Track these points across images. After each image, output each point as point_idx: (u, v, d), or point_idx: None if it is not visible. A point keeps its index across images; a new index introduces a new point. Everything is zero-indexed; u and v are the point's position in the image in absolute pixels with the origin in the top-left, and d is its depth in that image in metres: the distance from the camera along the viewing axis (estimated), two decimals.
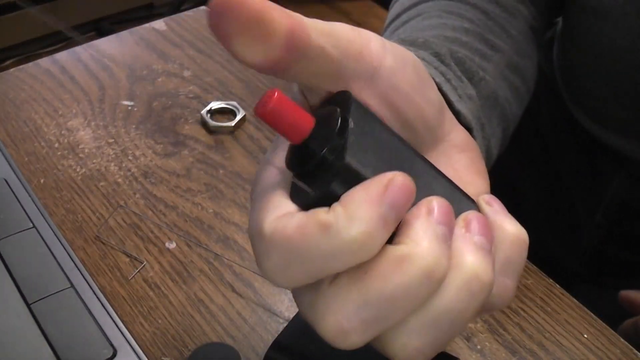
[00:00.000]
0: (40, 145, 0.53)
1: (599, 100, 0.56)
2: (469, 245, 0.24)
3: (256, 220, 0.24)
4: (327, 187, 0.23)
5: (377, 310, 0.22)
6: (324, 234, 0.22)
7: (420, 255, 0.22)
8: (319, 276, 0.23)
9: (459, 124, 0.32)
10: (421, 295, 0.22)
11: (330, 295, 0.23)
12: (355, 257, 0.22)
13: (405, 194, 0.22)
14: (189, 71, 0.62)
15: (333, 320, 0.23)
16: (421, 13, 0.45)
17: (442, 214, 0.23)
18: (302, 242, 0.22)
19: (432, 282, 0.22)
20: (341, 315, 0.23)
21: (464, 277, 0.23)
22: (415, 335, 0.23)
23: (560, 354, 0.41)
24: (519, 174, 0.68)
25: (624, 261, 0.62)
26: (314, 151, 0.23)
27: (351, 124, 0.24)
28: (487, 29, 0.44)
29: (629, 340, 0.42)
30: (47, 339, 0.37)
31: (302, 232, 0.22)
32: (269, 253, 0.23)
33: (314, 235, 0.22)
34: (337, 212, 0.22)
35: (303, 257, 0.22)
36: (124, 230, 0.47)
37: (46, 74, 0.60)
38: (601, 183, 0.60)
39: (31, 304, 0.39)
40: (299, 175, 0.24)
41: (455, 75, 0.37)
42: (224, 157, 0.54)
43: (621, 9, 0.48)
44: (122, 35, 0.66)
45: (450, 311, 0.23)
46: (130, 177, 0.51)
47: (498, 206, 0.28)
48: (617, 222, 0.60)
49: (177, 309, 0.42)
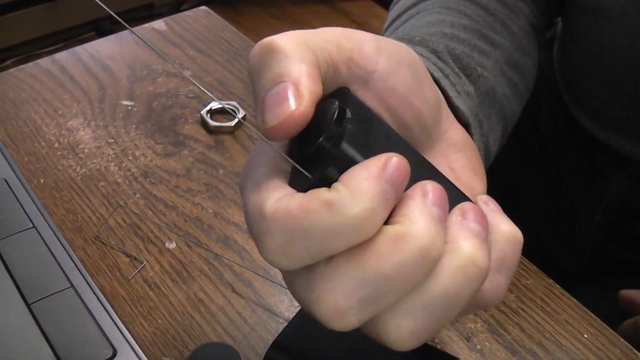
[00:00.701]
0: (40, 145, 0.53)
1: (599, 100, 0.56)
2: (466, 232, 0.24)
3: (256, 203, 0.24)
4: (326, 170, 0.23)
5: (374, 289, 0.22)
6: (328, 210, 0.22)
7: (416, 234, 0.22)
8: (321, 255, 0.23)
9: (457, 121, 0.32)
10: (417, 274, 0.23)
11: (327, 275, 0.23)
12: (358, 234, 0.22)
13: (402, 173, 0.23)
14: (189, 71, 0.62)
15: (330, 300, 0.23)
16: (421, 11, 0.45)
17: (436, 197, 0.24)
18: (306, 220, 0.22)
19: (427, 262, 0.23)
20: (338, 294, 0.23)
21: (461, 261, 0.23)
22: (410, 316, 0.23)
23: (560, 354, 0.41)
24: (519, 173, 0.68)
25: (624, 261, 0.62)
26: (312, 139, 0.24)
27: (349, 114, 0.24)
28: (486, 25, 0.44)
29: (629, 340, 0.42)
30: (47, 339, 0.37)
31: (306, 209, 0.22)
32: (271, 232, 0.23)
33: (317, 212, 0.22)
34: (340, 190, 0.22)
35: (306, 234, 0.22)
36: (124, 230, 0.47)
37: (46, 74, 0.60)
38: (601, 183, 0.60)
39: (31, 304, 0.39)
40: (299, 160, 0.24)
41: (453, 71, 0.37)
42: (224, 157, 0.54)
43: (621, 9, 0.48)
44: (122, 35, 0.66)
45: (446, 294, 0.23)
46: (130, 177, 0.51)
47: (494, 206, 0.28)
48: (617, 222, 0.60)
49: (177, 309, 0.42)
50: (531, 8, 0.50)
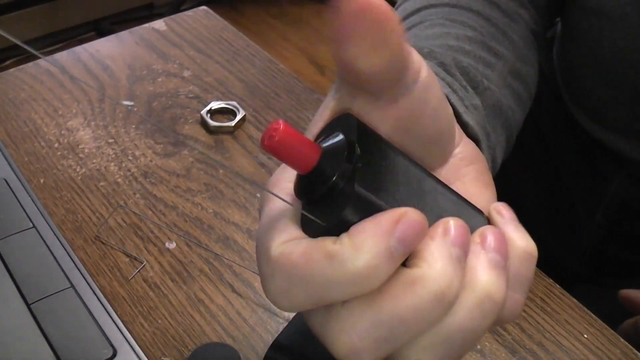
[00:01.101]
0: (40, 145, 0.53)
1: (599, 100, 0.56)
2: (484, 263, 0.24)
3: (264, 243, 0.24)
4: (337, 216, 0.23)
5: (389, 330, 0.23)
6: (329, 262, 0.22)
7: (432, 278, 0.22)
8: (322, 302, 0.23)
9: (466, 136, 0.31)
10: (433, 316, 0.23)
11: (343, 315, 0.23)
12: (358, 287, 0.22)
13: (416, 230, 0.22)
14: (189, 71, 0.62)
15: (346, 340, 0.23)
16: (424, 20, 0.45)
17: (457, 236, 0.24)
18: (306, 269, 0.22)
19: (443, 304, 0.23)
20: (354, 334, 0.23)
21: (477, 297, 0.23)
22: (427, 352, 0.24)
23: (560, 354, 0.41)
24: (519, 174, 0.68)
25: (624, 261, 0.62)
26: (322, 180, 0.23)
27: (357, 150, 0.23)
28: (489, 36, 0.44)
29: (629, 340, 0.42)
30: (47, 339, 0.37)
31: (307, 259, 0.22)
32: (274, 276, 0.23)
33: (318, 263, 0.22)
34: (344, 243, 0.22)
35: (306, 283, 0.22)
36: (124, 230, 0.47)
37: (46, 74, 0.60)
38: (601, 183, 0.60)
39: (31, 304, 0.39)
40: (308, 203, 0.24)
41: (461, 85, 0.37)
42: (224, 157, 0.54)
43: (621, 9, 0.48)
44: (122, 35, 0.66)
45: (463, 330, 0.23)
46: (130, 177, 0.51)
47: (508, 215, 0.28)
48: (617, 222, 0.60)
49: (177, 309, 0.42)
50: (531, 13, 0.50)
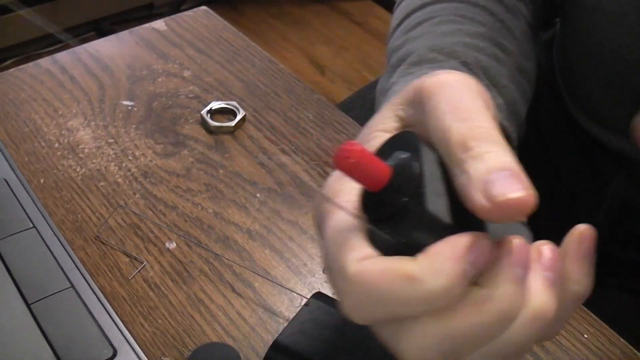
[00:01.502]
0: (40, 145, 0.53)
1: (599, 100, 0.55)
2: (538, 281, 0.26)
3: (338, 260, 0.25)
4: (409, 235, 0.24)
5: (455, 344, 0.25)
6: (409, 283, 0.23)
7: (499, 299, 0.24)
8: (395, 317, 0.25)
9: None
10: (495, 332, 0.25)
11: (415, 329, 0.25)
12: (432, 305, 0.24)
13: (484, 255, 0.24)
14: (189, 71, 0.62)
15: (417, 352, 0.25)
16: (433, 16, 0.45)
17: (519, 255, 0.25)
18: (386, 288, 0.24)
19: (506, 322, 0.25)
20: (423, 346, 0.25)
21: (532, 315, 0.25)
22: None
23: (560, 354, 0.41)
24: None
25: (625, 261, 0.62)
26: (392, 199, 0.24)
27: (425, 171, 0.24)
28: (496, 32, 0.44)
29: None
30: (47, 339, 0.37)
31: (387, 279, 0.24)
32: (351, 293, 0.25)
33: (398, 283, 0.24)
34: (423, 266, 0.24)
35: (384, 301, 0.24)
36: (124, 230, 0.47)
37: (46, 74, 0.60)
38: (601, 183, 0.60)
39: (31, 304, 0.39)
40: (376, 220, 0.25)
41: (484, 85, 0.37)
42: (223, 157, 0.54)
43: (621, 9, 0.48)
44: (122, 35, 0.66)
45: (516, 344, 0.25)
46: (130, 177, 0.51)
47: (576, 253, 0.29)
48: (617, 222, 0.60)
49: (177, 309, 0.42)
50: (529, 7, 0.50)
